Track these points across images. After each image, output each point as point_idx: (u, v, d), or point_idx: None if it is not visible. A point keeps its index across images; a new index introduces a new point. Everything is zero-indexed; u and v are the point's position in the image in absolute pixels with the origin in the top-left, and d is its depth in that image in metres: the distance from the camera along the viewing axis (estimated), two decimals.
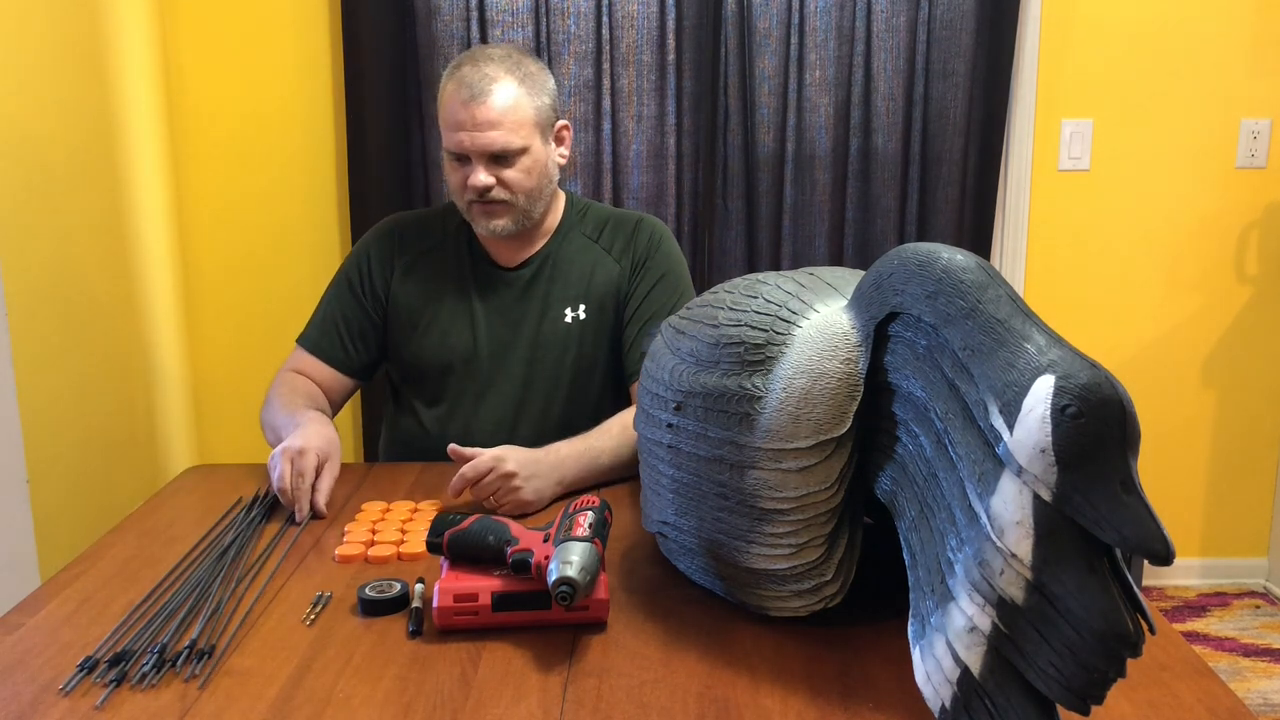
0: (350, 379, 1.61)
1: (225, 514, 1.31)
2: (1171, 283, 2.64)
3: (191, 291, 2.50)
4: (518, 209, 1.48)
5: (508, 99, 1.43)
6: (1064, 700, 0.71)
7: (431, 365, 1.57)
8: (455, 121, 1.44)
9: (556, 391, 1.56)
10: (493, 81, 1.43)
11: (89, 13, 2.04)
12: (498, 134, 1.43)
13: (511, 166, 1.46)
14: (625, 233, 1.59)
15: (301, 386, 1.55)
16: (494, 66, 1.44)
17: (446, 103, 1.45)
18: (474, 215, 1.49)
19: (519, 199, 1.47)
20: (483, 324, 1.56)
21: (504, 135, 1.43)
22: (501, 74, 1.44)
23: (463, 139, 1.43)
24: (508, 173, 1.45)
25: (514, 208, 1.48)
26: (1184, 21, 2.50)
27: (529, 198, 1.48)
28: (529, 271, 1.56)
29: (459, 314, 1.56)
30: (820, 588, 0.95)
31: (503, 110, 1.43)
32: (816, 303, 0.97)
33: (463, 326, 1.56)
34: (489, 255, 1.57)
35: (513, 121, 1.43)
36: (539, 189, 1.49)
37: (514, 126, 1.44)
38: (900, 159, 2.47)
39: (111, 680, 0.90)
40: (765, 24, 2.41)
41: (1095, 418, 0.69)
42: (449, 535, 1.03)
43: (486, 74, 1.43)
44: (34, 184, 1.83)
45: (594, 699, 0.87)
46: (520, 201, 1.48)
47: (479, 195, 1.45)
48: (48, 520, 1.79)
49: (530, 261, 1.57)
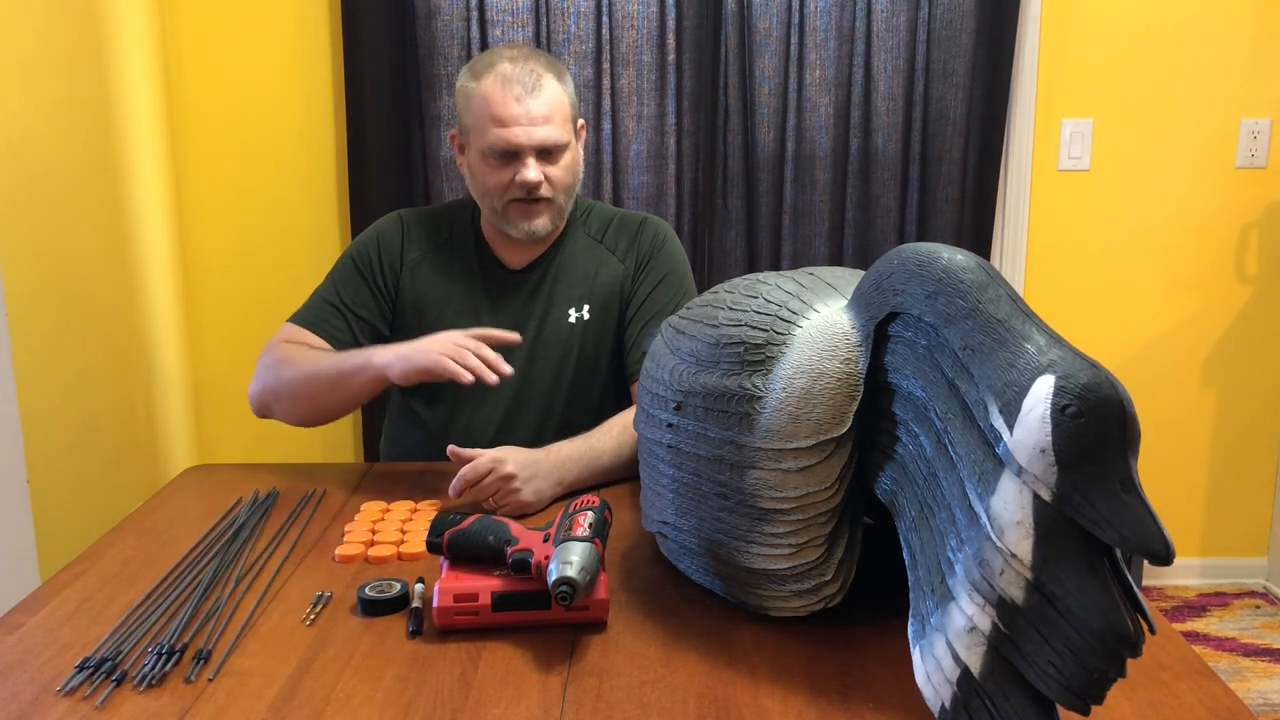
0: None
1: (225, 514, 1.31)
2: (1171, 283, 2.64)
3: (191, 291, 2.50)
4: (556, 206, 1.48)
5: (555, 94, 1.44)
6: (1064, 700, 0.71)
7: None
8: (507, 117, 1.42)
9: (557, 392, 1.56)
10: (540, 77, 1.43)
11: (89, 13, 2.04)
12: (550, 129, 1.43)
13: (556, 163, 1.46)
14: (630, 232, 1.59)
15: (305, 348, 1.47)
16: (535, 63, 1.45)
17: (491, 100, 1.43)
18: (511, 216, 1.47)
19: (559, 196, 1.48)
20: (488, 326, 1.54)
21: (555, 130, 1.44)
22: (543, 69, 1.45)
23: (518, 134, 1.42)
24: (552, 169, 1.46)
25: (554, 205, 1.48)
26: (1184, 21, 2.50)
27: (567, 195, 1.49)
28: (536, 274, 1.56)
29: (465, 315, 1.55)
30: (820, 588, 0.95)
31: (552, 105, 1.44)
32: (816, 303, 0.97)
33: (467, 328, 1.54)
34: (496, 257, 1.57)
35: (561, 117, 1.45)
36: (575, 186, 1.51)
37: (562, 121, 1.45)
38: (900, 159, 2.47)
39: (112, 680, 0.90)
40: (765, 24, 2.41)
41: (1095, 418, 0.69)
42: (449, 535, 1.03)
43: (533, 69, 1.43)
44: (34, 184, 1.83)
45: (594, 699, 0.87)
46: (560, 200, 1.48)
47: (528, 192, 1.44)
48: (48, 520, 1.79)
49: (537, 264, 1.56)
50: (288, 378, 1.43)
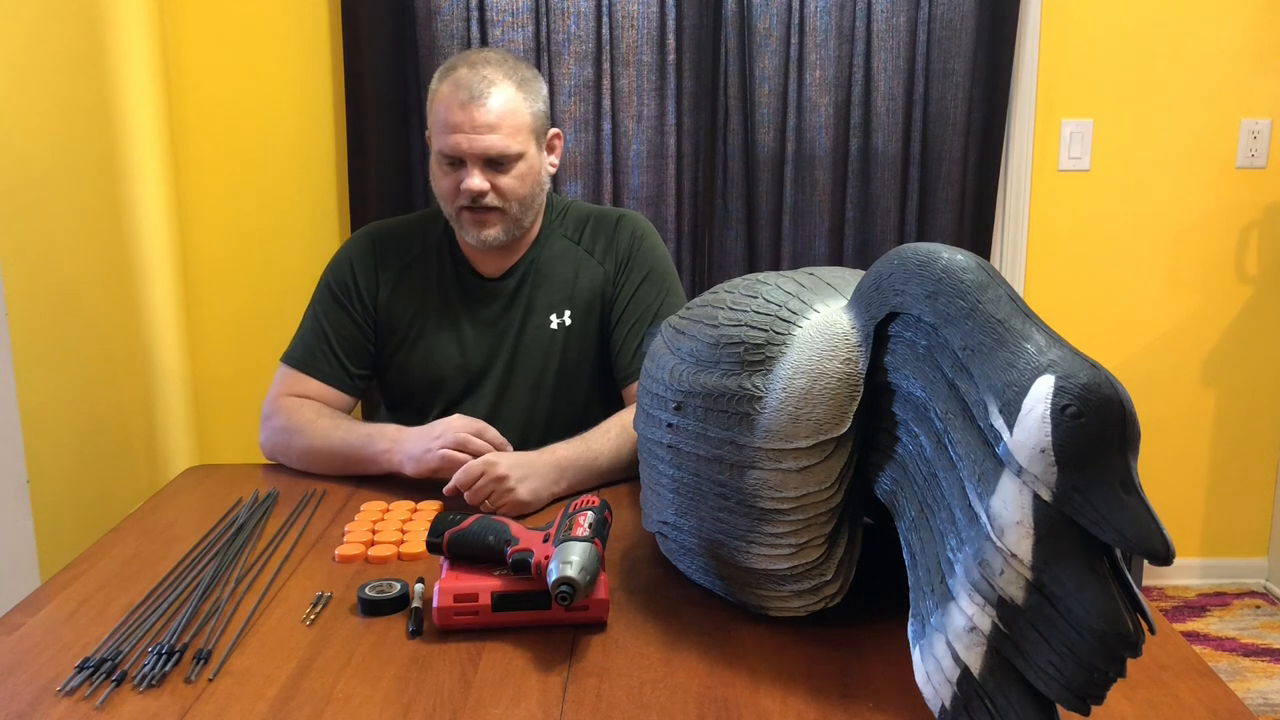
0: (349, 398, 1.54)
1: (225, 514, 1.31)
2: (1171, 283, 2.64)
3: (191, 291, 2.50)
4: (510, 217, 1.45)
5: (507, 102, 1.41)
6: (1064, 700, 0.71)
7: (418, 382, 1.54)
8: (451, 124, 1.40)
9: (540, 399, 1.54)
10: (491, 84, 1.40)
11: (89, 13, 2.04)
12: (496, 138, 1.40)
13: (507, 173, 1.43)
14: (606, 233, 1.56)
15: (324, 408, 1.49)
16: (491, 70, 1.42)
17: (441, 104, 1.42)
18: (464, 223, 1.46)
19: (512, 206, 1.44)
20: (470, 338, 1.53)
21: (502, 139, 1.40)
22: (500, 77, 1.42)
23: (459, 141, 1.40)
24: (502, 179, 1.43)
25: (506, 215, 1.45)
26: (1184, 21, 2.50)
27: (522, 206, 1.46)
28: (513, 281, 1.53)
29: (445, 329, 1.53)
30: (820, 588, 0.95)
31: (501, 114, 1.40)
32: (816, 303, 0.97)
33: (448, 342, 1.53)
34: (472, 266, 1.54)
35: (511, 126, 1.41)
36: (531, 197, 1.47)
37: (512, 131, 1.41)
38: (900, 159, 2.47)
39: (112, 681, 0.90)
40: (765, 24, 2.41)
41: (1095, 418, 0.69)
42: (449, 535, 1.03)
43: (485, 76, 1.41)
44: (34, 184, 1.83)
45: (594, 699, 0.87)
46: (513, 209, 1.45)
47: (472, 201, 1.42)
48: (48, 520, 1.79)
49: (514, 270, 1.53)
50: (298, 450, 1.45)
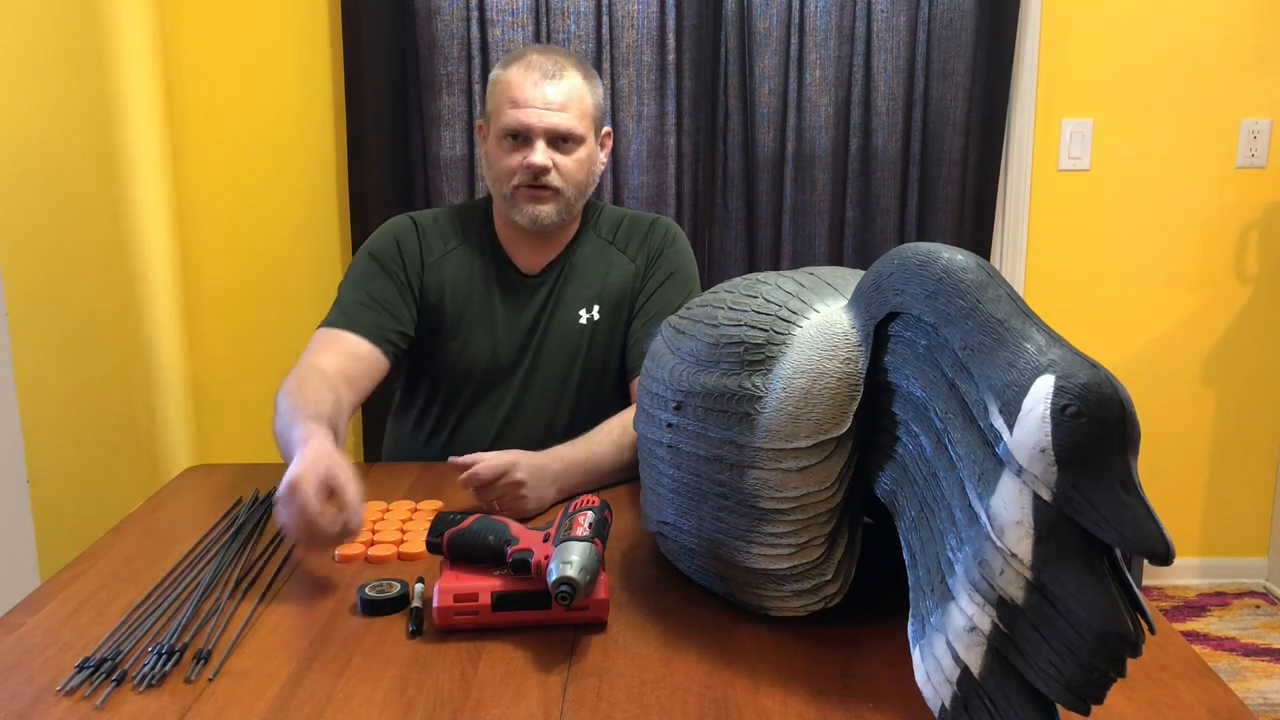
0: (383, 358, 1.46)
1: (225, 514, 1.30)
2: (1171, 283, 2.64)
3: (191, 291, 2.50)
4: (564, 199, 1.49)
5: (575, 87, 1.48)
6: (1064, 700, 0.71)
7: (449, 372, 1.55)
8: (522, 99, 1.45)
9: (566, 393, 1.56)
10: (563, 69, 1.48)
11: (89, 13, 2.04)
12: (565, 116, 1.46)
13: (569, 154, 1.48)
14: (640, 232, 1.60)
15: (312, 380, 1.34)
16: (562, 58, 1.49)
17: (511, 83, 1.46)
18: (519, 201, 1.48)
19: (568, 190, 1.48)
20: (503, 333, 1.55)
21: (570, 119, 1.46)
22: (570, 65, 1.49)
23: (529, 115, 1.44)
24: (564, 160, 1.47)
25: (561, 197, 1.48)
26: (1184, 21, 2.50)
27: (577, 191, 1.50)
28: (550, 278, 1.56)
29: (482, 320, 1.55)
30: (820, 588, 0.95)
31: (570, 95, 1.47)
32: (816, 303, 0.97)
33: (483, 335, 1.54)
34: (511, 260, 1.56)
35: (578, 109, 1.48)
36: (585, 185, 1.52)
37: (579, 114, 1.48)
38: (900, 159, 2.47)
39: (112, 680, 0.90)
40: (765, 24, 2.41)
41: (1095, 418, 0.69)
42: (449, 535, 1.03)
43: (557, 61, 1.48)
44: (34, 185, 1.83)
45: (594, 699, 0.87)
46: (569, 193, 1.49)
47: (534, 177, 1.46)
48: (48, 520, 1.79)
49: (551, 268, 1.56)
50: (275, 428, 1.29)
